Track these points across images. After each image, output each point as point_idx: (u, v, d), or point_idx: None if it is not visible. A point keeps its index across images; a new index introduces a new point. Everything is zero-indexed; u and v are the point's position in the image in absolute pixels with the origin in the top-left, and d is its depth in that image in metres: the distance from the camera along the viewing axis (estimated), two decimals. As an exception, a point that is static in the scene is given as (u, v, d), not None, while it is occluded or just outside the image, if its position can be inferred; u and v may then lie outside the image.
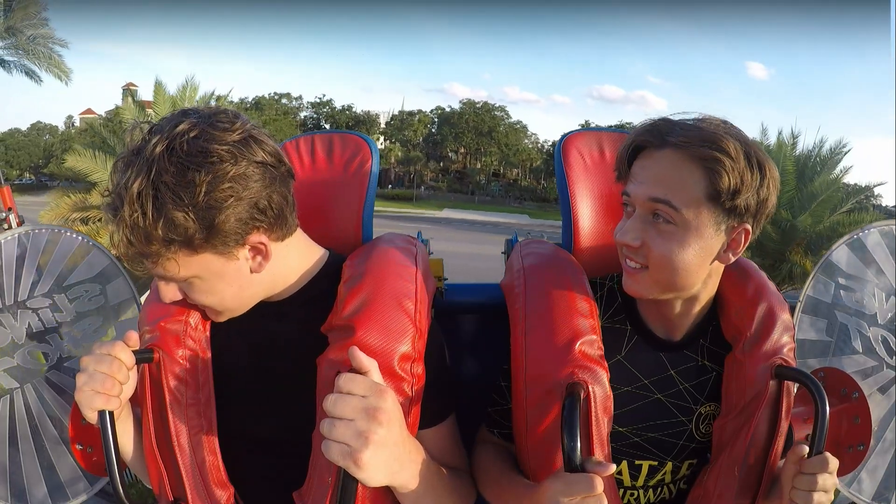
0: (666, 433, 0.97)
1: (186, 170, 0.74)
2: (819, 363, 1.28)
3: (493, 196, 53.10)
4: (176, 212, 0.73)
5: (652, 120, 0.90)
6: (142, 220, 0.73)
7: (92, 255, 1.36)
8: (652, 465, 0.98)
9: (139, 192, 0.73)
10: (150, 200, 0.73)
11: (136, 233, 0.74)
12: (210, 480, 0.89)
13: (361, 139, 1.12)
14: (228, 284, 0.84)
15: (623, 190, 0.91)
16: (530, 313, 0.93)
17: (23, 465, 1.22)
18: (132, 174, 0.74)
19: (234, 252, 0.81)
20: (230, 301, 0.86)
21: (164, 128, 0.76)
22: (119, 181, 0.75)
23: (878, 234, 1.35)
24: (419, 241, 1.07)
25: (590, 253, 1.10)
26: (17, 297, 1.26)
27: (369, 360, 0.73)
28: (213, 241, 0.78)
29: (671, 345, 0.97)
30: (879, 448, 1.25)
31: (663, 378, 0.97)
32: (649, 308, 0.97)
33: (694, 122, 0.88)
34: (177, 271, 0.80)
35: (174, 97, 9.34)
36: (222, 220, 0.76)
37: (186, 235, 0.75)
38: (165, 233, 0.74)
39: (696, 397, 0.97)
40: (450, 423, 0.95)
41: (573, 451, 0.75)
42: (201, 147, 0.75)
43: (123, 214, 0.74)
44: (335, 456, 0.68)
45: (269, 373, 0.92)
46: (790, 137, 10.10)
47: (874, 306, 1.31)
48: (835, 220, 9.51)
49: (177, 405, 0.89)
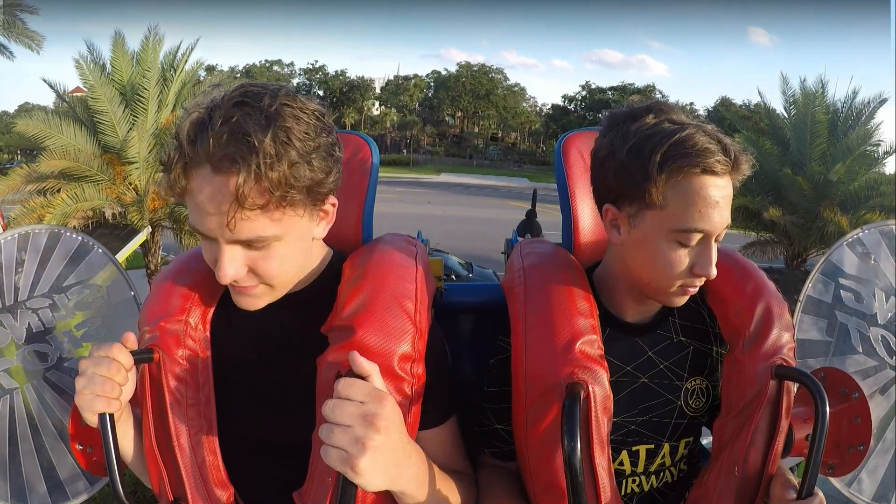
0: (657, 414, 0.98)
1: (301, 122, 0.78)
2: (819, 363, 1.28)
3: (491, 160, 52.62)
4: (304, 153, 0.76)
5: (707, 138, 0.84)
6: (278, 163, 0.74)
7: (92, 255, 1.36)
8: (649, 449, 0.99)
9: (274, 136, 0.74)
10: (282, 145, 0.74)
11: (268, 178, 0.74)
12: (210, 480, 0.89)
13: (361, 139, 1.12)
14: (301, 250, 0.86)
15: (693, 227, 0.84)
16: (530, 313, 0.93)
17: (23, 465, 1.22)
18: (253, 124, 0.73)
19: (319, 210, 0.84)
20: (294, 272, 0.88)
21: (265, 87, 0.79)
22: (231, 132, 0.73)
23: (878, 234, 1.35)
24: (419, 241, 1.07)
25: (590, 252, 1.10)
26: (17, 297, 1.26)
27: (370, 364, 0.73)
28: (319, 191, 0.81)
29: (643, 328, 0.99)
30: (879, 448, 1.25)
31: (644, 361, 0.98)
32: (613, 297, 0.99)
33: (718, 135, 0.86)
34: (268, 229, 0.78)
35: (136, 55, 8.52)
36: (328, 172, 0.81)
37: (308, 181, 0.78)
38: (293, 177, 0.76)
39: (679, 373, 0.99)
40: (451, 425, 0.95)
41: (573, 451, 0.76)
42: (305, 106, 0.80)
43: (255, 162, 0.72)
44: (333, 461, 0.68)
45: (270, 372, 0.92)
46: (818, 85, 9.40)
47: (874, 306, 1.31)
48: (871, 177, 8.97)
49: (177, 405, 0.88)
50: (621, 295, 0.98)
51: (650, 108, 0.90)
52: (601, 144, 0.93)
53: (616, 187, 0.89)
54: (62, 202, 7.66)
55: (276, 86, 0.81)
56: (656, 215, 0.86)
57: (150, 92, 8.28)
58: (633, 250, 0.91)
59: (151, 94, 8.26)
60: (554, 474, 0.86)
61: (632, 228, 0.89)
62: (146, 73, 8.33)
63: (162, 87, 8.51)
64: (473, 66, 55.05)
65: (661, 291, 0.91)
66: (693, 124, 0.87)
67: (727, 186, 0.85)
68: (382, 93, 54.86)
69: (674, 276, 0.88)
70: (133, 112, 8.31)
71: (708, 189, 0.83)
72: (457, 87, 53.44)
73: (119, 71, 8.39)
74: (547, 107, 59.05)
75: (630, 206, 0.88)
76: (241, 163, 0.72)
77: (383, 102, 54.22)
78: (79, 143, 8.10)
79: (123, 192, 8.25)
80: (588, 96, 53.55)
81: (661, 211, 0.85)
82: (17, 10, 14.82)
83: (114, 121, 8.13)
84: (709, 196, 0.83)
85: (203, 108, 0.77)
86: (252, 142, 0.72)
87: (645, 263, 0.89)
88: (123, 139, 8.12)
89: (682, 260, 0.87)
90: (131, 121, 8.27)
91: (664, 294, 0.91)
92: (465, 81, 53.27)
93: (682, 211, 0.84)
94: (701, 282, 0.89)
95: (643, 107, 0.91)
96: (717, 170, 0.83)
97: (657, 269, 0.88)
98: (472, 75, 53.75)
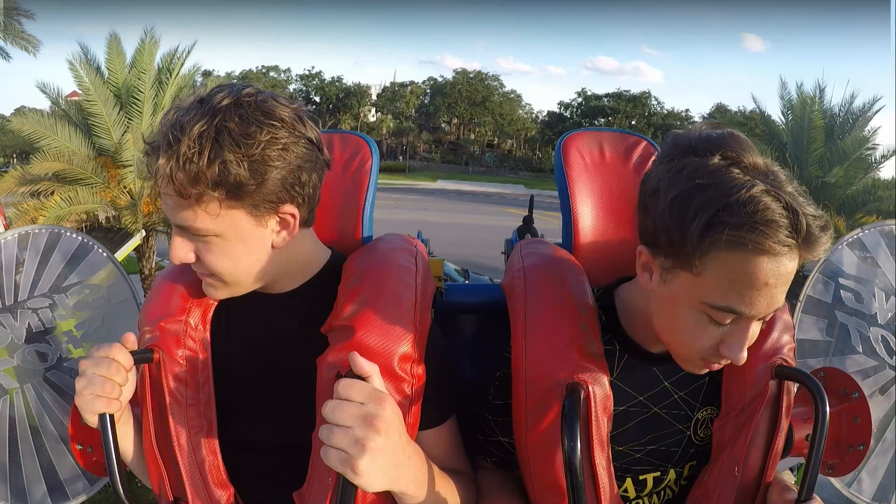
0: (666, 443, 0.96)
1: (249, 123, 0.78)
2: (819, 363, 1.28)
3: (487, 167, 52.71)
4: (231, 156, 0.77)
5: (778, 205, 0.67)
6: (197, 157, 0.76)
7: (92, 255, 1.36)
8: (656, 477, 0.97)
9: (201, 132, 0.76)
10: (209, 141, 0.76)
11: (187, 169, 0.76)
12: (210, 480, 0.89)
13: (361, 139, 1.12)
14: (248, 252, 0.85)
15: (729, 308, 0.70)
16: (530, 313, 0.93)
17: (23, 465, 1.22)
18: (195, 116, 0.77)
19: (265, 218, 0.84)
20: (243, 272, 0.86)
21: (232, 87, 0.81)
22: (177, 121, 0.78)
23: (878, 233, 1.35)
24: (419, 241, 1.07)
25: (590, 253, 1.10)
26: (17, 297, 1.26)
27: (370, 364, 0.73)
28: (254, 196, 0.80)
29: (662, 357, 0.93)
30: (879, 448, 1.25)
31: (658, 391, 0.95)
32: (636, 325, 0.93)
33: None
34: (205, 222, 0.80)
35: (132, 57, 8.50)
36: (268, 177, 0.80)
37: (232, 183, 0.78)
38: (214, 175, 0.77)
39: (692, 404, 0.96)
40: (451, 425, 0.95)
41: (573, 451, 0.76)
42: (266, 108, 0.80)
43: (179, 149, 0.76)
44: (333, 462, 0.68)
45: (270, 372, 0.92)
46: (815, 90, 9.34)
47: (874, 306, 1.31)
48: (869, 181, 8.84)
49: (177, 405, 0.89)
50: (646, 327, 0.89)
51: (719, 143, 0.73)
52: (652, 174, 0.78)
53: (653, 232, 0.76)
54: (55, 205, 7.61)
55: (244, 86, 0.83)
56: (690, 280, 0.73)
57: (145, 95, 8.25)
58: (658, 304, 0.81)
59: (147, 97, 8.24)
60: (554, 474, 0.86)
61: (661, 283, 0.78)
62: (141, 76, 8.31)
63: (157, 90, 8.48)
64: (470, 73, 55.23)
65: (678, 356, 0.84)
66: (769, 180, 0.69)
67: (789, 264, 0.69)
68: (379, 99, 54.98)
69: (695, 350, 0.78)
70: (128, 115, 8.29)
71: (758, 270, 0.68)
72: (453, 93, 53.54)
73: (114, 73, 8.35)
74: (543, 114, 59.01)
75: (665, 259, 0.76)
76: (164, 150, 0.78)
77: (380, 109, 54.31)
78: (73, 144, 8.05)
79: (117, 196, 8.21)
80: (584, 103, 53.61)
81: (695, 277, 0.72)
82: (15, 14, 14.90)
83: (108, 123, 8.10)
84: (758, 278, 0.68)
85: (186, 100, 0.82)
86: (180, 133, 0.77)
87: (667, 325, 0.80)
88: (118, 142, 8.10)
89: (710, 336, 0.75)
90: (126, 124, 8.23)
91: (680, 360, 0.84)
92: (462, 88, 53.37)
93: (720, 286, 0.70)
94: (726, 362, 0.79)
95: (712, 141, 0.74)
96: (776, 251, 0.67)
97: (678, 334, 0.79)
98: (468, 82, 53.86)
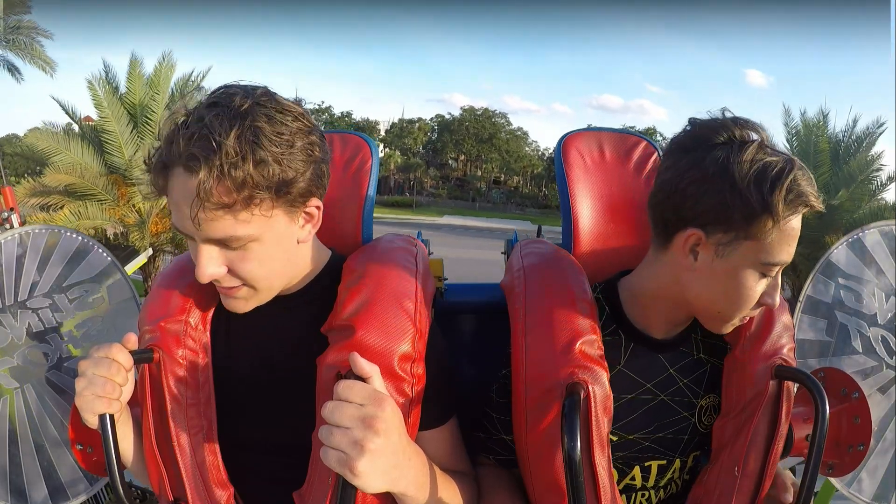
0: (671, 430, 0.97)
1: (276, 122, 0.77)
2: (819, 363, 1.28)
3: (494, 203, 52.77)
4: (271, 156, 0.76)
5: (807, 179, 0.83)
6: (242, 162, 0.74)
7: (92, 255, 1.36)
8: (661, 465, 0.98)
9: (238, 136, 0.74)
10: (248, 144, 0.74)
11: (233, 175, 0.74)
12: (210, 480, 0.89)
13: (361, 139, 1.13)
14: (283, 252, 0.85)
15: (781, 260, 0.84)
16: (530, 313, 0.93)
17: (23, 466, 1.22)
18: (224, 122, 0.74)
19: (296, 214, 0.84)
20: (276, 275, 0.86)
21: (242, 88, 0.80)
22: (201, 131, 0.74)
23: (878, 233, 1.35)
24: (419, 241, 1.07)
25: (590, 253, 1.10)
26: (17, 297, 1.26)
27: (370, 365, 0.73)
28: (291, 192, 0.80)
29: (667, 344, 0.97)
30: (879, 448, 1.25)
31: (664, 378, 0.97)
32: (642, 312, 0.96)
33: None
34: (246, 228, 0.78)
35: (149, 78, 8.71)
36: (306, 172, 0.80)
37: (276, 181, 0.77)
38: (261, 176, 0.76)
39: (696, 391, 0.98)
40: (451, 426, 0.95)
41: (573, 450, 0.76)
42: (283, 106, 0.79)
43: (220, 157, 0.73)
44: (332, 463, 0.68)
45: (270, 372, 0.91)
46: (819, 115, 9.54)
47: (874, 306, 1.31)
48: (874, 206, 9.02)
49: (177, 405, 0.88)
50: (656, 313, 0.95)
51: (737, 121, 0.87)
52: (695, 161, 0.85)
53: (714, 213, 0.83)
54: (64, 218, 7.72)
55: (254, 86, 0.81)
56: (752, 246, 0.83)
57: (158, 115, 8.38)
58: (708, 279, 0.87)
59: (160, 118, 8.36)
60: (554, 474, 0.86)
61: (717, 258, 0.85)
62: (156, 97, 8.44)
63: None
64: (477, 111, 55.13)
65: (726, 320, 0.90)
66: (790, 158, 0.86)
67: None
68: (387, 135, 54.89)
69: (747, 307, 0.87)
70: (140, 134, 8.38)
71: (799, 226, 0.84)
72: (460, 130, 53.39)
73: (132, 92, 8.52)
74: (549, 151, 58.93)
75: (725, 235, 0.83)
76: (202, 162, 0.73)
77: (387, 144, 54.17)
78: (85, 160, 8.18)
79: (126, 214, 8.30)
80: (591, 139, 53.42)
81: (757, 242, 0.82)
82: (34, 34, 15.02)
83: (121, 141, 8.22)
84: (797, 232, 0.84)
85: (183, 109, 0.79)
86: (216, 141, 0.73)
87: (724, 293, 0.87)
88: (129, 160, 8.18)
89: (760, 289, 0.86)
90: (138, 143, 8.33)
91: (726, 323, 0.90)
92: (469, 125, 53.23)
93: (778, 244, 0.83)
94: (757, 311, 0.90)
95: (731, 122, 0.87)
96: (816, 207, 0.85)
97: (735, 298, 0.86)
98: (475, 119, 53.78)
